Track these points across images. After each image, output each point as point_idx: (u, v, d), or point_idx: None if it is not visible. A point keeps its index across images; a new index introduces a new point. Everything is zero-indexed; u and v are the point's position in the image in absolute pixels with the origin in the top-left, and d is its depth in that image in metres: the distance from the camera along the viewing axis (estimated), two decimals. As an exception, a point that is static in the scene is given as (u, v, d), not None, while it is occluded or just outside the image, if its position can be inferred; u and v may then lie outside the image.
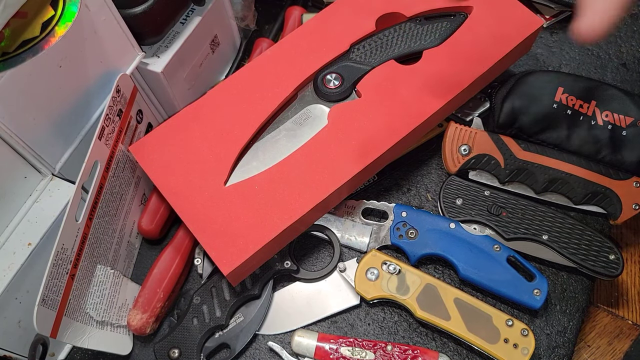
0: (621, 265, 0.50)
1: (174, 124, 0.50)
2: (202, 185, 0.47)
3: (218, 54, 0.61)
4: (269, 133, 0.50)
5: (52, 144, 0.45)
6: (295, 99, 0.52)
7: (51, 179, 0.46)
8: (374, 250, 0.51)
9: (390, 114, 0.50)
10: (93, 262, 0.47)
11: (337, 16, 0.54)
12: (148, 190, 0.56)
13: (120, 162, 0.49)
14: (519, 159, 0.54)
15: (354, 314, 0.52)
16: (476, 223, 0.53)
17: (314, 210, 0.47)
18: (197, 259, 0.52)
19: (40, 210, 0.45)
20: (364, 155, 0.48)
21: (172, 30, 0.53)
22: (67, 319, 0.42)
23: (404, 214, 0.53)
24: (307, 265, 0.54)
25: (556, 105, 0.55)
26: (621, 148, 0.54)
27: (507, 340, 0.47)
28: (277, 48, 0.53)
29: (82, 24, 0.42)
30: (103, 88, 0.47)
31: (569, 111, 0.54)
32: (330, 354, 0.48)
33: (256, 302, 0.51)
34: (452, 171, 0.55)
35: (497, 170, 0.54)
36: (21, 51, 0.39)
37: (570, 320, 0.52)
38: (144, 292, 0.50)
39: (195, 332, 0.49)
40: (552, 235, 0.51)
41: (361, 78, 0.51)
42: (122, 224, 0.52)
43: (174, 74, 0.53)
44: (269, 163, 0.48)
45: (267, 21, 0.68)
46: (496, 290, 0.50)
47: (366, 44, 0.52)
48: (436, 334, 0.51)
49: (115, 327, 0.49)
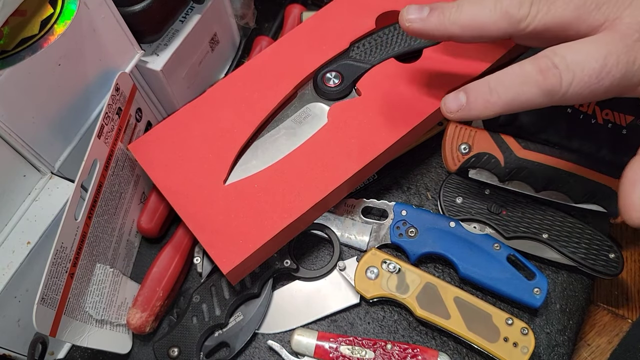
0: (621, 263, 0.50)
1: (173, 123, 0.50)
2: (202, 183, 0.47)
3: (217, 52, 0.61)
4: (268, 131, 0.50)
5: (51, 142, 0.45)
6: (295, 97, 0.52)
7: (50, 178, 0.46)
8: (373, 249, 0.51)
9: (390, 112, 0.50)
10: (92, 261, 0.47)
11: (336, 14, 0.54)
12: (147, 189, 0.56)
13: (120, 161, 0.49)
14: (519, 158, 0.53)
15: (353, 313, 0.52)
16: (476, 222, 0.53)
17: (314, 208, 0.47)
18: (197, 258, 0.52)
19: (40, 209, 0.45)
20: (363, 153, 0.48)
21: (172, 28, 0.53)
22: (66, 318, 0.42)
23: (404, 212, 0.53)
24: (306, 264, 0.54)
25: (556, 103, 0.54)
26: (621, 146, 0.54)
27: (507, 339, 0.47)
28: (276, 46, 0.53)
29: (81, 22, 0.42)
30: (102, 86, 0.47)
31: (569, 109, 0.54)
32: (329, 352, 0.48)
33: (256, 300, 0.51)
34: (452, 170, 0.55)
35: (497, 168, 0.54)
36: (20, 49, 0.39)
37: (570, 319, 0.52)
38: (144, 291, 0.50)
39: (195, 331, 0.49)
40: (552, 234, 0.51)
41: (361, 76, 0.51)
42: (121, 223, 0.51)
43: (173, 72, 0.53)
44: (269, 161, 0.48)
45: (267, 19, 0.68)
46: (496, 289, 0.50)
47: (366, 42, 0.52)
48: (436, 333, 0.51)
49: (115, 325, 0.49)
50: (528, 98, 0.37)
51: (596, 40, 0.35)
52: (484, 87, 0.38)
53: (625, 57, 0.34)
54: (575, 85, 0.35)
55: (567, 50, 0.36)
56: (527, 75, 0.36)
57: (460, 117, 0.40)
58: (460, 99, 0.39)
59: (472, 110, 0.39)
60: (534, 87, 0.36)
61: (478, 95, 0.38)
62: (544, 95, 0.36)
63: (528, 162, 0.53)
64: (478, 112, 0.39)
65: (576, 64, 0.35)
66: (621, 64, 0.34)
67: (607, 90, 0.36)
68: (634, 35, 0.35)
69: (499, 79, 0.38)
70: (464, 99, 0.39)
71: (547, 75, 0.35)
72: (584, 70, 0.35)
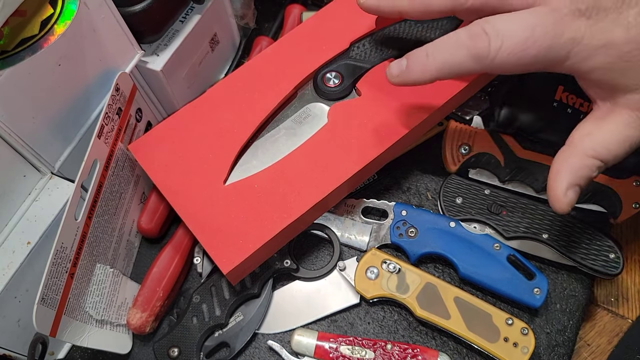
0: (621, 264, 0.50)
1: (174, 123, 0.50)
2: (202, 183, 0.47)
3: (217, 53, 0.61)
4: (268, 132, 0.50)
5: (51, 142, 0.45)
6: (295, 97, 0.52)
7: (50, 178, 0.46)
8: (373, 249, 0.51)
9: (390, 112, 0.50)
10: (92, 261, 0.47)
11: (336, 14, 0.54)
12: (147, 189, 0.56)
13: (120, 161, 0.49)
14: (519, 158, 0.53)
15: (353, 313, 0.52)
16: (476, 222, 0.53)
17: (314, 209, 0.47)
18: (197, 258, 0.52)
19: (40, 209, 0.45)
20: (363, 153, 0.48)
21: (172, 28, 0.53)
22: (66, 318, 0.42)
23: (404, 212, 0.53)
24: (306, 264, 0.54)
25: (556, 103, 0.54)
26: (621, 147, 0.54)
27: (507, 339, 0.47)
28: (276, 46, 0.53)
29: (81, 22, 0.42)
30: (102, 86, 0.47)
31: (569, 110, 0.54)
32: (329, 352, 0.48)
33: (256, 301, 0.51)
34: (452, 170, 0.55)
35: (497, 169, 0.54)
36: (20, 49, 0.39)
37: (570, 319, 0.52)
38: (144, 291, 0.50)
39: (195, 331, 0.49)
40: (552, 234, 0.51)
41: (361, 76, 0.51)
42: (121, 223, 0.51)
43: (173, 72, 0.53)
44: (269, 162, 0.48)
45: (267, 19, 0.68)
46: (496, 289, 0.50)
47: (366, 42, 0.52)
48: (436, 333, 0.51)
49: (115, 326, 0.49)
50: (458, 61, 0.39)
51: (527, 13, 0.37)
52: (422, 52, 0.40)
53: (552, 29, 0.36)
54: (503, 51, 0.37)
55: (498, 20, 0.38)
56: (459, 40, 0.39)
57: (401, 82, 0.41)
58: (402, 63, 0.41)
59: (411, 74, 0.41)
60: (464, 51, 0.38)
61: (416, 59, 0.40)
62: (473, 59, 0.38)
63: (528, 162, 0.53)
64: (416, 76, 0.41)
65: (505, 31, 0.37)
66: (549, 35, 0.36)
67: (534, 59, 0.37)
68: (563, 9, 0.36)
69: (435, 44, 0.40)
70: (405, 63, 0.41)
71: (476, 40, 0.38)
72: (512, 38, 0.37)
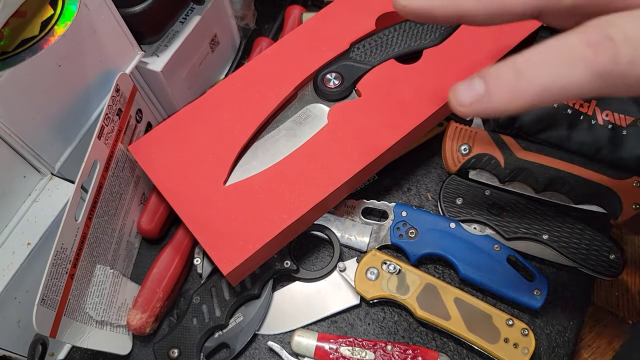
0: (621, 264, 0.50)
1: (174, 124, 0.50)
2: (202, 184, 0.47)
3: (218, 53, 0.61)
4: (268, 132, 0.50)
5: (52, 143, 0.45)
6: (295, 98, 0.52)
7: (50, 179, 0.46)
8: (373, 249, 0.51)
9: (391, 113, 0.50)
10: (92, 262, 0.46)
11: (337, 15, 0.54)
12: (147, 190, 0.56)
13: (120, 162, 0.49)
14: (519, 159, 0.53)
15: (353, 314, 0.52)
16: (476, 223, 0.53)
17: (314, 209, 0.47)
18: (197, 259, 0.52)
19: (40, 210, 0.45)
20: (363, 154, 0.48)
21: (172, 29, 0.53)
22: (66, 319, 0.42)
23: (404, 213, 0.53)
24: (306, 265, 0.54)
25: (556, 104, 0.54)
26: (621, 147, 0.54)
27: (507, 340, 0.47)
28: (276, 47, 0.53)
29: (82, 23, 0.42)
30: (102, 87, 0.47)
31: (569, 110, 0.54)
32: (330, 353, 0.48)
33: (256, 301, 0.51)
34: (452, 170, 0.55)
35: (497, 169, 0.54)
36: (20, 50, 0.39)
37: (571, 319, 0.52)
38: (144, 292, 0.50)
39: (195, 332, 0.49)
40: (553, 234, 0.51)
41: (361, 77, 0.51)
42: (121, 224, 0.51)
43: (173, 73, 0.53)
44: (269, 162, 0.48)
45: (267, 20, 0.68)
46: (496, 289, 0.50)
47: (366, 43, 0.52)
48: (436, 334, 0.51)
49: (115, 326, 0.49)
50: (572, 82, 0.27)
51: None
52: (508, 70, 0.28)
53: None
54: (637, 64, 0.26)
55: (626, 20, 0.26)
56: (571, 51, 0.27)
57: (477, 111, 0.30)
58: (476, 87, 0.30)
59: (493, 102, 0.29)
60: (580, 67, 0.26)
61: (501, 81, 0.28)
62: (594, 77, 0.26)
63: (528, 163, 0.53)
64: (502, 104, 0.28)
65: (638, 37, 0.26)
66: None
67: None
68: None
69: (529, 59, 0.28)
70: (482, 87, 0.29)
71: (598, 50, 0.26)
72: None
